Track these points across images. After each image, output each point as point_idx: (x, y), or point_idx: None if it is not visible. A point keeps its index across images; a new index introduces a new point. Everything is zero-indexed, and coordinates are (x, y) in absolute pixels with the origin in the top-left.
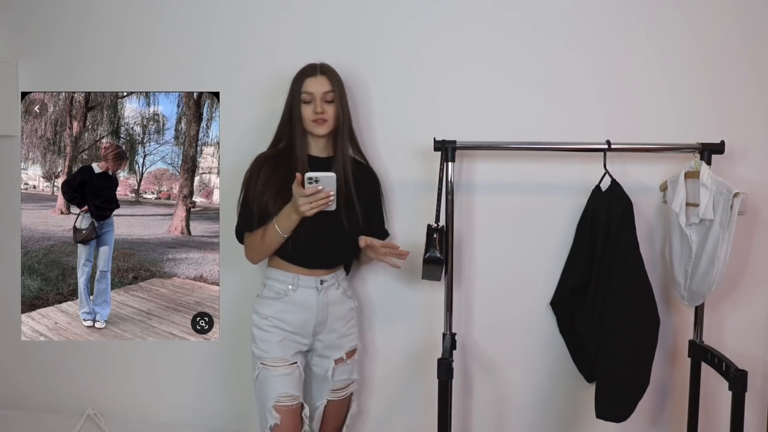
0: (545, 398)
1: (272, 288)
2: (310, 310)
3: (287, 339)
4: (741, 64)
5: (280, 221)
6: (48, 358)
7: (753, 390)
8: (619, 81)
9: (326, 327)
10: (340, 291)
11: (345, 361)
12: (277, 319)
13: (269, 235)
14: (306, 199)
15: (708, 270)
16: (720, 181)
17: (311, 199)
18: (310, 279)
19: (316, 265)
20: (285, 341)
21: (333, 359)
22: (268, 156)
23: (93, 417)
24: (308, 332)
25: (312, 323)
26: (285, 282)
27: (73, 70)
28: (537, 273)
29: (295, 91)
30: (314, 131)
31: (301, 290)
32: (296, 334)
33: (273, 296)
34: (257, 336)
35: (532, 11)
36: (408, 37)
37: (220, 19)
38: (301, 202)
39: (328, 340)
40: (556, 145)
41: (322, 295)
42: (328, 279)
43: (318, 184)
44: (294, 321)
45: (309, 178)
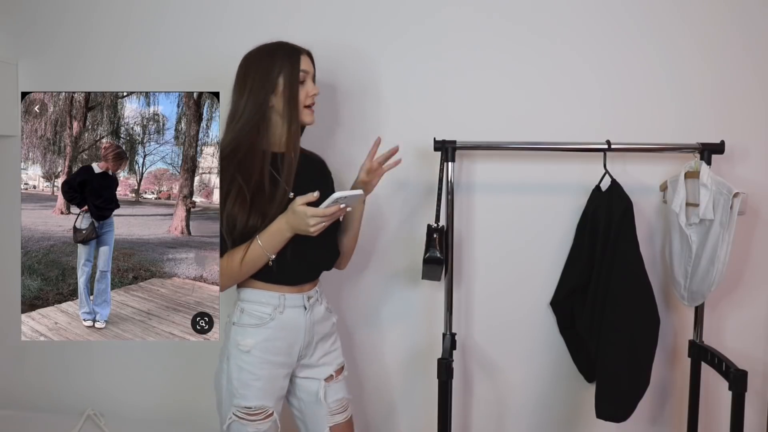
0: (545, 398)
1: (253, 313)
2: (297, 333)
3: (272, 377)
4: (741, 64)
5: (267, 240)
6: (48, 358)
7: (753, 390)
8: (619, 81)
9: (311, 349)
10: (323, 307)
11: (336, 379)
12: (261, 351)
13: (253, 257)
14: (321, 219)
15: (708, 270)
16: (720, 181)
17: (327, 219)
18: (297, 297)
19: (304, 280)
20: (270, 382)
21: (322, 379)
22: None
23: (93, 417)
24: (293, 358)
25: (298, 347)
26: (269, 304)
27: (73, 70)
28: (537, 273)
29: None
30: (305, 120)
31: (288, 311)
32: (282, 364)
33: (255, 323)
34: (235, 377)
35: (532, 12)
36: (408, 38)
37: (221, 19)
38: (314, 221)
39: (313, 361)
40: (556, 145)
41: (308, 315)
42: (313, 294)
43: (342, 203)
44: (280, 348)
45: (337, 199)
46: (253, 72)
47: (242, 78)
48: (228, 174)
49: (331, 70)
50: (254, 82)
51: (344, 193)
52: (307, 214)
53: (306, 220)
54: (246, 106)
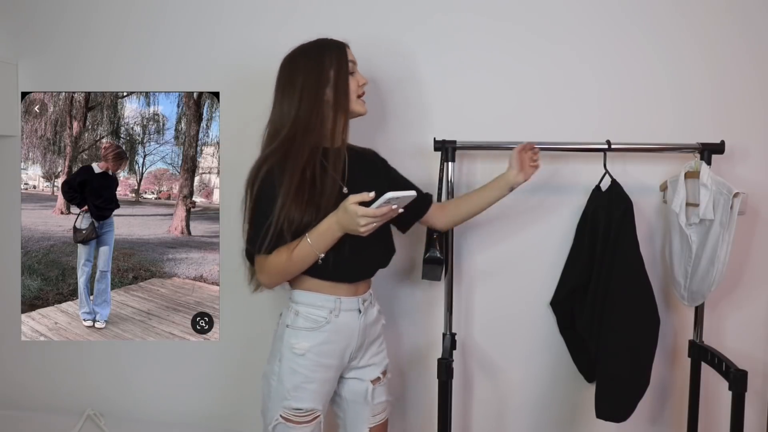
0: (545, 398)
1: (309, 316)
2: (351, 336)
3: (324, 380)
4: (741, 64)
5: (317, 238)
6: (48, 358)
7: (753, 390)
8: (620, 81)
9: (362, 351)
10: (376, 309)
11: (381, 381)
12: (315, 354)
13: (301, 255)
14: (373, 219)
15: (708, 270)
16: (720, 181)
17: (379, 220)
18: (353, 300)
19: (361, 277)
20: (321, 385)
21: (369, 380)
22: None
23: (93, 417)
24: (344, 361)
25: (350, 350)
26: (326, 307)
27: (73, 70)
28: (537, 273)
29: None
30: (358, 109)
31: (343, 315)
32: (334, 367)
33: (311, 326)
34: (287, 380)
35: (532, 12)
36: (408, 39)
37: (220, 19)
38: (365, 221)
39: (363, 363)
40: (557, 145)
41: (362, 318)
42: (367, 298)
43: (395, 204)
44: (333, 351)
45: (389, 199)
46: (302, 69)
47: (290, 77)
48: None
49: None
50: (306, 79)
51: (396, 194)
52: (358, 213)
53: (356, 220)
54: (300, 103)
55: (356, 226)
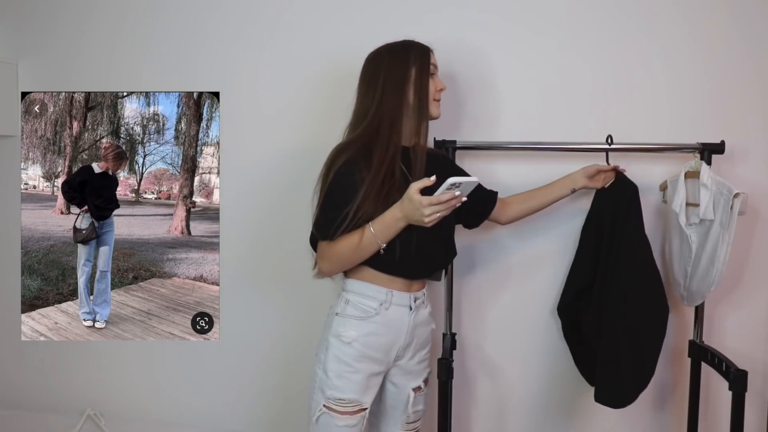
0: (545, 398)
1: (359, 305)
2: (399, 332)
3: (369, 373)
4: (741, 64)
5: (381, 228)
6: (48, 358)
7: (753, 390)
8: (620, 81)
9: (409, 352)
10: (428, 311)
11: (422, 390)
12: (362, 344)
13: (364, 244)
14: (437, 207)
15: (708, 270)
16: (720, 182)
17: (443, 207)
18: (405, 296)
19: (420, 275)
20: (366, 377)
21: (411, 388)
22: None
23: (93, 417)
24: (390, 357)
25: (397, 347)
26: (377, 299)
27: (73, 70)
28: (537, 273)
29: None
30: (433, 112)
31: (393, 308)
32: (380, 362)
33: (360, 315)
34: (332, 369)
35: (532, 12)
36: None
37: (220, 19)
38: (429, 211)
39: (408, 367)
40: (557, 145)
41: (413, 315)
42: (420, 296)
43: (456, 190)
44: (381, 344)
45: (453, 184)
46: (386, 67)
47: (373, 74)
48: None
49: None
50: (389, 76)
51: (459, 179)
52: (423, 203)
53: (421, 210)
54: (383, 98)
55: (420, 216)
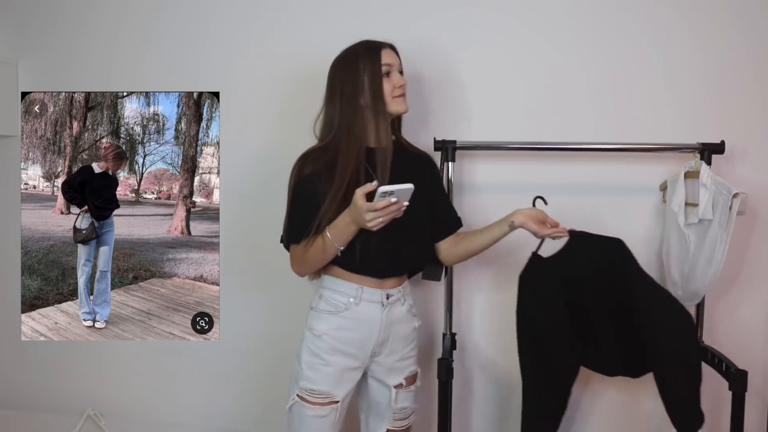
0: None
1: (330, 300)
2: (372, 328)
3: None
4: (741, 64)
5: (335, 232)
6: (48, 358)
7: (753, 390)
8: (619, 81)
9: (386, 348)
10: (405, 308)
11: (405, 387)
12: (332, 338)
13: (327, 247)
14: (375, 214)
15: (705, 270)
16: (720, 182)
17: (381, 214)
18: (376, 292)
19: (388, 274)
20: (338, 371)
21: (392, 385)
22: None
23: (93, 417)
24: (366, 353)
25: (371, 343)
26: (346, 294)
27: (73, 70)
28: None
29: (370, 65)
30: (397, 109)
31: (363, 304)
32: (354, 357)
33: (330, 310)
34: (305, 360)
35: (533, 13)
36: (408, 39)
37: (220, 19)
38: (369, 217)
39: (387, 363)
40: (557, 145)
41: (386, 312)
42: (394, 293)
43: (392, 197)
44: (352, 339)
45: (383, 193)
46: (340, 76)
47: (331, 84)
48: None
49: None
50: (344, 85)
51: (390, 187)
52: (363, 208)
53: (363, 215)
54: (342, 110)
55: (363, 221)
